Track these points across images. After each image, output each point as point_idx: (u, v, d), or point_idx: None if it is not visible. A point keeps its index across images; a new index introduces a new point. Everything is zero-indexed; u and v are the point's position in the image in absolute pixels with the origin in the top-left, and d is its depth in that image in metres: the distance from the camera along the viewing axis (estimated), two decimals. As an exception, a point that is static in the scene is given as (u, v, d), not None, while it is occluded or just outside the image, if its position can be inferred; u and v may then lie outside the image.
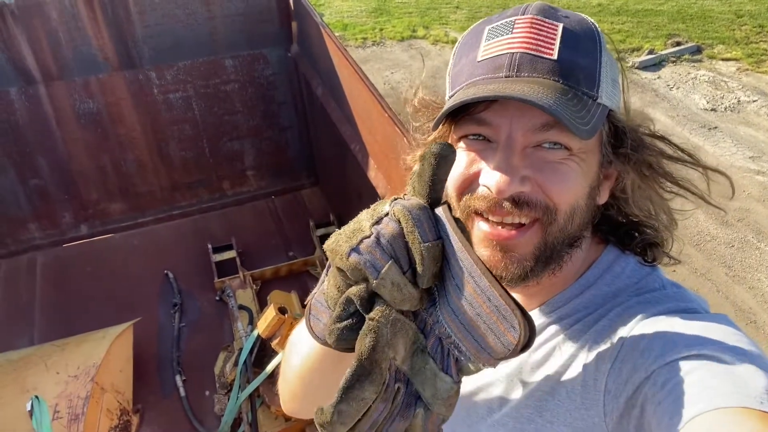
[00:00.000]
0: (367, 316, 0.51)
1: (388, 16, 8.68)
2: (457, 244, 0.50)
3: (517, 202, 0.62)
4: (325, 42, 2.63)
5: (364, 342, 0.50)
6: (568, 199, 0.63)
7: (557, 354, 0.67)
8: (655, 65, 7.07)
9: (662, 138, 0.69)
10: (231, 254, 3.02)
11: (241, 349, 2.41)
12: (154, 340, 2.67)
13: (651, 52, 7.24)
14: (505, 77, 0.61)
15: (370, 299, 0.51)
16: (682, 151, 0.69)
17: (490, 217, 0.64)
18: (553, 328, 0.69)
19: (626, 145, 0.66)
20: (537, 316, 0.71)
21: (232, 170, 3.46)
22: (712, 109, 6.12)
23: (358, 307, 0.51)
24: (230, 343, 2.62)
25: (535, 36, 0.62)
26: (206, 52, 3.10)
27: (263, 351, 2.38)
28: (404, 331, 0.51)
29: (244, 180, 3.51)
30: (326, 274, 0.59)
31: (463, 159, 0.66)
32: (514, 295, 0.72)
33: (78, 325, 2.52)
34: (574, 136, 0.61)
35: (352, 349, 0.51)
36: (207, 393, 2.45)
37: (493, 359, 0.49)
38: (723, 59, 7.11)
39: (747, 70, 6.86)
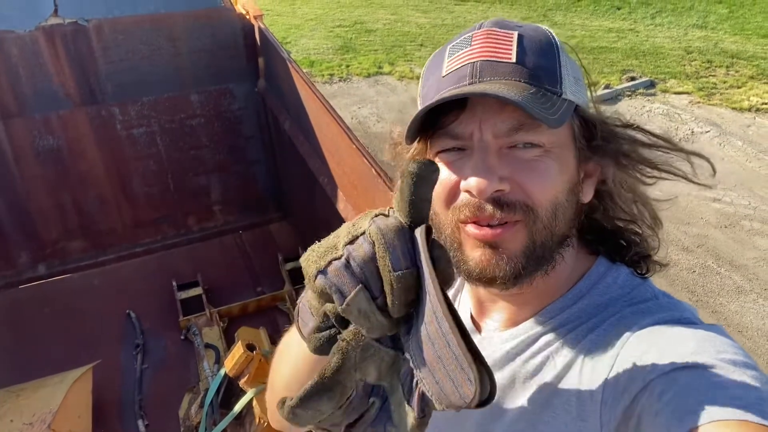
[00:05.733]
0: (339, 336, 0.50)
1: (354, 53, 8.84)
2: (426, 277, 0.46)
3: (498, 202, 0.63)
4: (292, 77, 2.64)
5: (330, 361, 0.49)
6: (547, 196, 0.64)
7: (551, 364, 0.67)
8: (611, 99, 7.33)
9: (635, 127, 0.70)
10: (197, 291, 2.94)
11: (207, 390, 2.33)
12: (116, 383, 2.56)
13: (607, 86, 7.53)
14: (469, 83, 0.63)
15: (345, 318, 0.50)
16: (657, 137, 0.70)
17: (475, 221, 0.65)
18: (547, 337, 0.68)
19: (596, 136, 0.67)
20: (530, 326, 0.71)
21: (198, 205, 3.40)
22: (667, 140, 6.37)
23: (333, 322, 0.51)
24: (196, 384, 2.53)
25: (493, 44, 0.64)
26: (171, 88, 3.08)
27: (231, 391, 2.30)
28: (377, 357, 0.49)
29: (211, 215, 3.45)
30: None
31: (443, 172, 0.67)
32: (506, 306, 0.72)
33: (35, 370, 2.40)
34: (544, 131, 0.62)
35: None
36: (171, 437, 2.35)
37: (453, 405, 0.46)
38: (675, 93, 7.43)
39: (698, 102, 7.18)
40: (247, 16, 3.07)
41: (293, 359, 0.71)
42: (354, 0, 11.29)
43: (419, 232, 0.48)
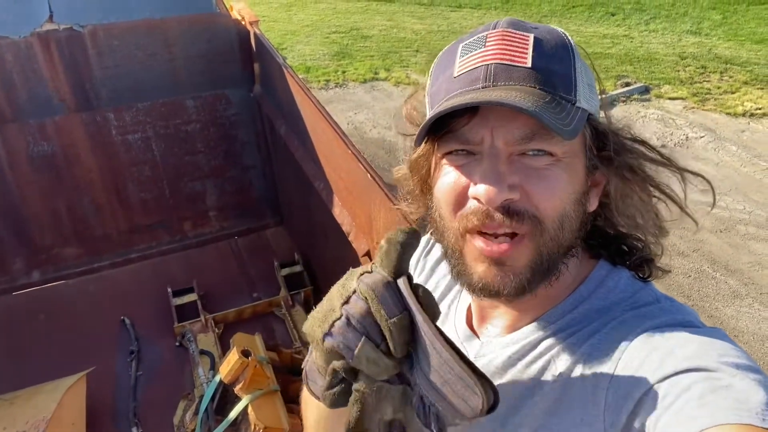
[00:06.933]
0: (353, 387, 0.57)
1: (350, 59, 8.86)
2: (419, 318, 0.54)
3: (508, 211, 0.62)
4: (288, 82, 2.65)
5: (351, 411, 0.56)
6: (555, 206, 0.63)
7: (552, 368, 0.66)
8: (607, 105, 7.36)
9: (642, 142, 0.70)
10: (192, 297, 2.93)
11: (201, 397, 2.32)
12: (110, 390, 2.54)
13: (603, 92, 7.56)
14: (482, 87, 0.61)
15: (354, 369, 0.57)
16: (661, 155, 0.70)
17: (483, 230, 0.64)
18: (547, 342, 0.68)
19: (608, 147, 0.67)
20: (531, 331, 0.70)
21: (193, 211, 3.39)
22: (662, 146, 6.38)
23: (343, 376, 0.58)
24: (191, 391, 2.51)
25: (508, 47, 0.63)
26: (167, 93, 3.08)
27: (225, 397, 2.28)
28: (390, 395, 0.57)
29: (206, 221, 3.45)
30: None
31: (450, 176, 0.66)
32: (507, 311, 0.72)
33: (29, 377, 2.38)
34: (557, 141, 0.61)
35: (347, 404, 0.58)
36: (166, 445, 2.33)
37: (466, 418, 0.54)
38: (670, 98, 7.47)
39: (693, 108, 7.22)
40: (243, 22, 3.08)
41: (315, 418, 0.78)
42: (350, 6, 11.33)
43: (402, 283, 0.55)
